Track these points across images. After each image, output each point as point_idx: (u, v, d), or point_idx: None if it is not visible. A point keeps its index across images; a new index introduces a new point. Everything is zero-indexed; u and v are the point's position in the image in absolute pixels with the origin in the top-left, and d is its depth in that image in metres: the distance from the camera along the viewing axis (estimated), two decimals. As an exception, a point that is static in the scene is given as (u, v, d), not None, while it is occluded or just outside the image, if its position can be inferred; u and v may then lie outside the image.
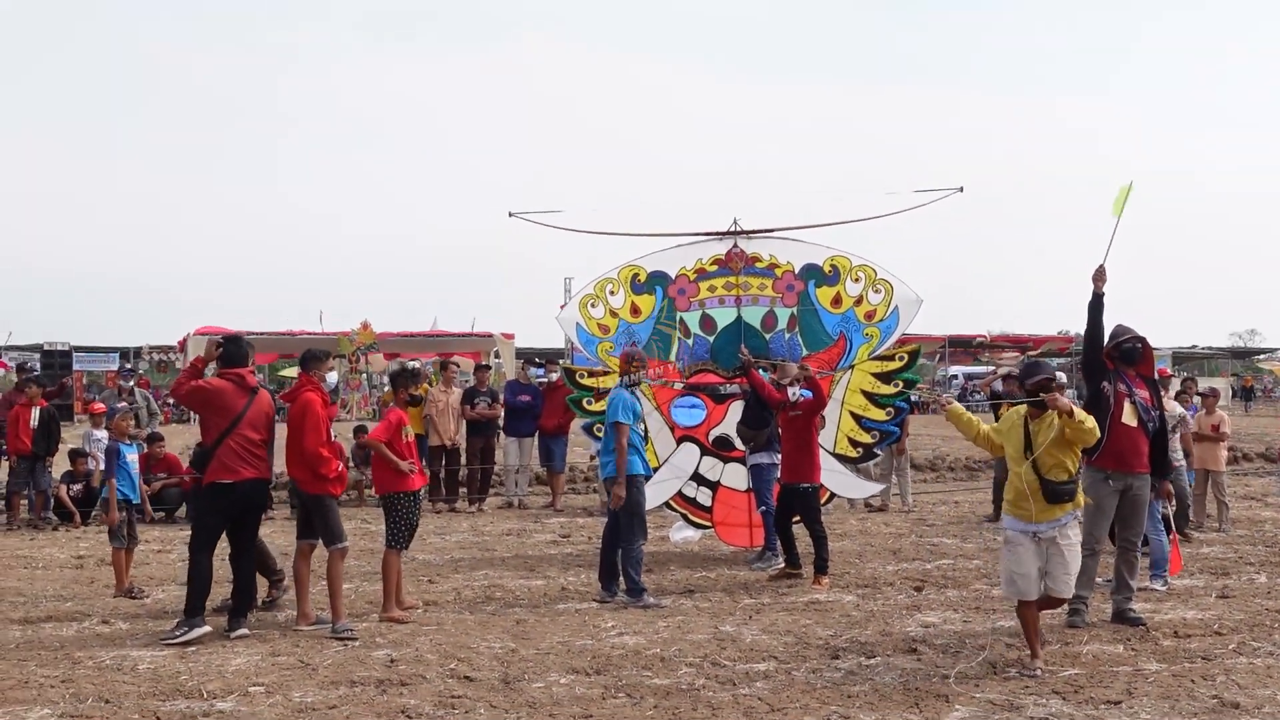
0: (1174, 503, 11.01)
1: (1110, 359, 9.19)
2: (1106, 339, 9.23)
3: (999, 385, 16.44)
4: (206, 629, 8.62)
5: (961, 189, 12.23)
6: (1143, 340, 9.27)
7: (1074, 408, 7.76)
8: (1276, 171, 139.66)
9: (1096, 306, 9.17)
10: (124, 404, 15.13)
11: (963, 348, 53.70)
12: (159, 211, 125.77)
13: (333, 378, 9.82)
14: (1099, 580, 9.35)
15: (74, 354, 45.03)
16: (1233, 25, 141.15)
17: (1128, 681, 7.32)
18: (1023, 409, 7.98)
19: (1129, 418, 9.02)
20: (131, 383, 17.00)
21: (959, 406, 8.45)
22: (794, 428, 11.05)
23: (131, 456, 11.22)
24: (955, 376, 55.94)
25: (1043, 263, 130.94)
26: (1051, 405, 7.75)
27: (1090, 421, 7.78)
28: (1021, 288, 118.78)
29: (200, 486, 8.98)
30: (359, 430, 15.31)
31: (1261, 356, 74.06)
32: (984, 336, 52.58)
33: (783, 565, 11.18)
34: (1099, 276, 9.16)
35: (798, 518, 11.14)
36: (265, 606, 9.67)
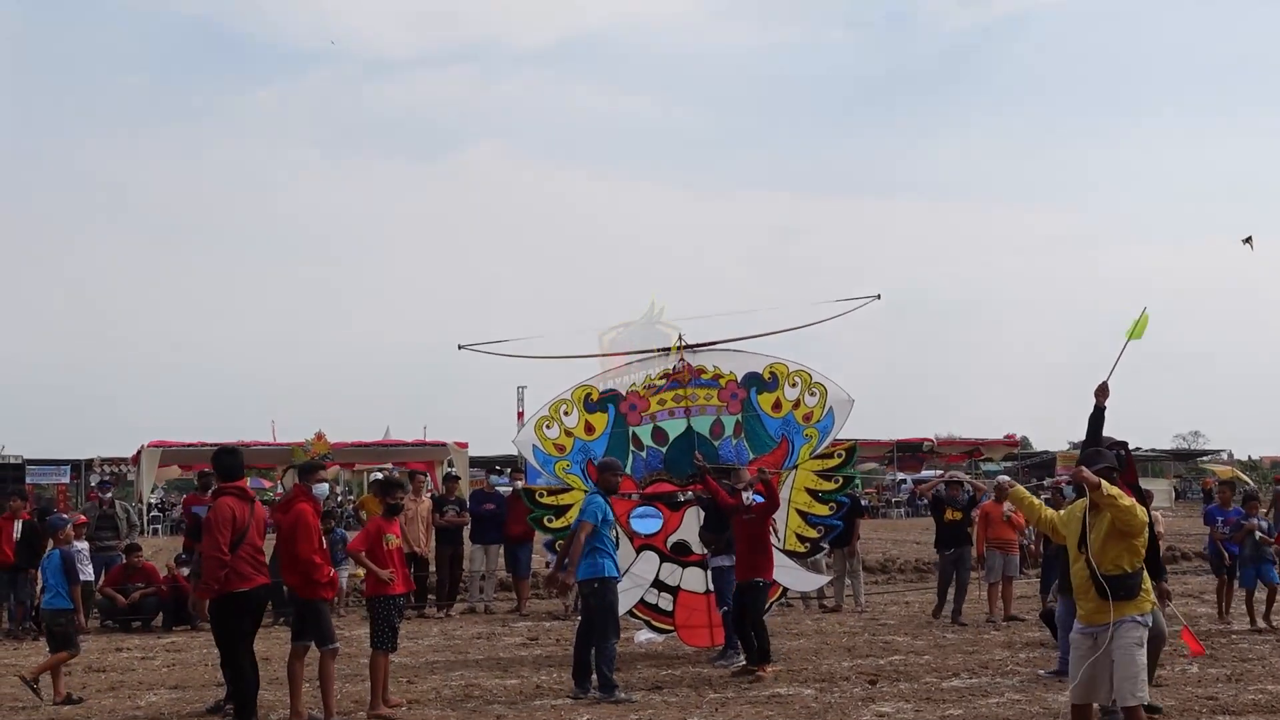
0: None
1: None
2: None
3: (943, 489, 17.02)
4: None
5: (879, 296, 13.24)
6: (1125, 447, 9.63)
7: (1102, 481, 7.70)
8: (1218, 276, 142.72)
9: (1098, 419, 9.55)
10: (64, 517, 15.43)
11: (910, 453, 54.56)
12: (108, 322, 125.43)
13: (323, 489, 10.46)
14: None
15: (26, 467, 45.16)
16: (1181, 134, 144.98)
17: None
18: (1085, 502, 7.94)
19: None
20: (110, 494, 17.46)
21: (1022, 489, 8.62)
22: (748, 530, 11.79)
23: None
24: (904, 482, 56.68)
25: (988, 368, 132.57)
26: (1077, 478, 7.84)
27: (1128, 500, 7.71)
28: (967, 393, 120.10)
29: (215, 599, 9.40)
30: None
31: (1206, 458, 75.08)
32: (930, 441, 53.50)
33: (744, 662, 11.80)
34: (1102, 392, 9.56)
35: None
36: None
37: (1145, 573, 7.90)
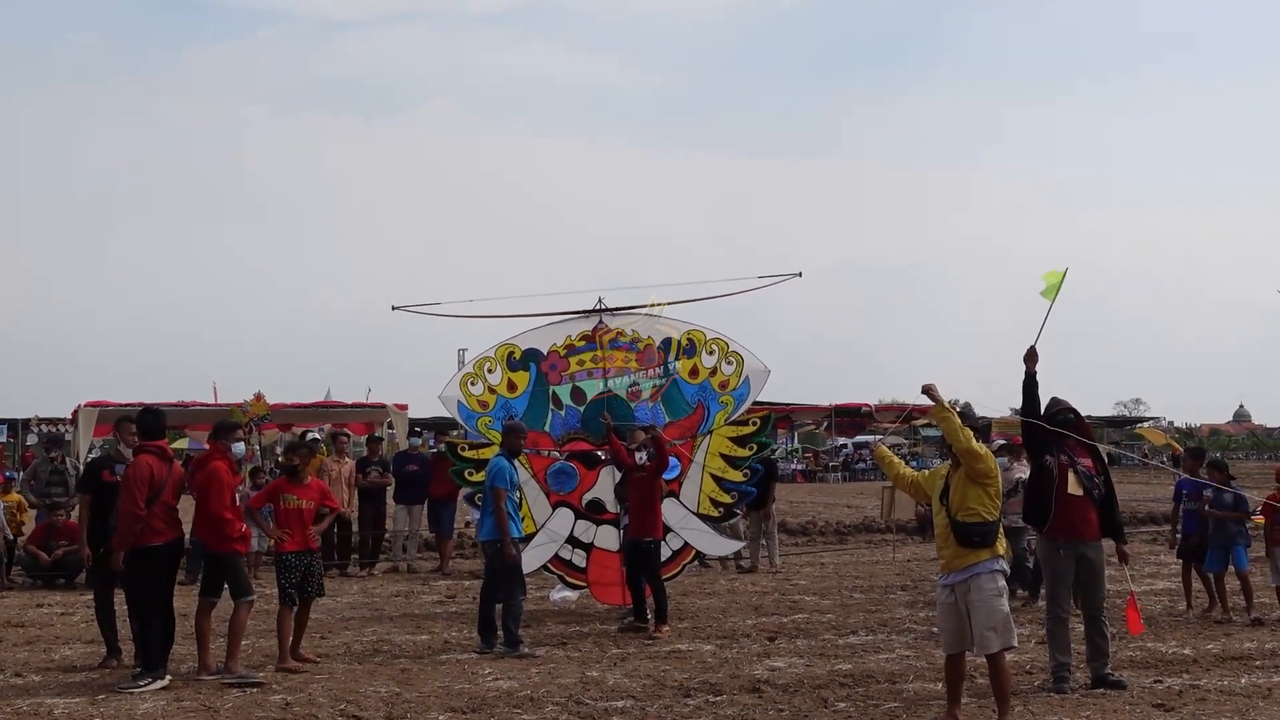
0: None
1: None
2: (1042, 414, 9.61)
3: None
4: (167, 680, 9.52)
5: (800, 274, 13.61)
6: (1075, 412, 9.70)
7: (941, 400, 8.09)
8: (1157, 248, 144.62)
9: (1030, 385, 9.59)
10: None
11: (848, 417, 55.12)
12: (48, 280, 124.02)
13: (240, 448, 10.75)
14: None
15: (-40, 425, 44.92)
16: (1127, 105, 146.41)
17: None
18: (949, 463, 8.28)
19: (1074, 488, 9.31)
20: (60, 452, 17.44)
21: (885, 449, 8.95)
22: (640, 487, 12.19)
23: None
24: (844, 446, 57.32)
25: (933, 335, 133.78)
26: (925, 391, 8.16)
27: (967, 432, 8.02)
28: (910, 360, 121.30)
29: (130, 552, 9.67)
30: None
31: (1146, 424, 75.98)
32: (868, 407, 54.05)
33: (633, 620, 12.18)
34: (1030, 357, 9.58)
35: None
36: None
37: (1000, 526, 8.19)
